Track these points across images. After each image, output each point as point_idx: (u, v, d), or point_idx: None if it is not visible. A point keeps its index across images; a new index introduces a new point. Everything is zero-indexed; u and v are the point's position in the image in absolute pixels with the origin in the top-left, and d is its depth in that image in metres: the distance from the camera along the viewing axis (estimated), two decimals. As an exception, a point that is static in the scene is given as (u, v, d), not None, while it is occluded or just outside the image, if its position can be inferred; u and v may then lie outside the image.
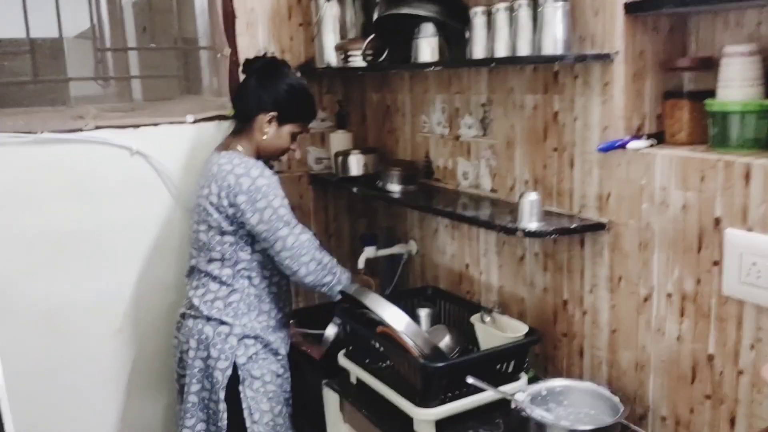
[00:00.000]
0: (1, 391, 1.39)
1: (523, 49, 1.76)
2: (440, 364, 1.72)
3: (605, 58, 1.69)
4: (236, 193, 2.02)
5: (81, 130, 2.35)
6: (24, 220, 2.30)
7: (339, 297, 2.11)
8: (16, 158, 2.27)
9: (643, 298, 1.74)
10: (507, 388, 1.86)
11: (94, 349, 2.47)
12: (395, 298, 2.29)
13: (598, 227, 1.81)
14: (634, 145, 1.68)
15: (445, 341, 2.04)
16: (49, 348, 2.39)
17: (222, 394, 2.09)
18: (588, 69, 1.79)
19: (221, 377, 2.09)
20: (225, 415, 2.08)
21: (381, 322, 1.89)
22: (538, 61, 1.74)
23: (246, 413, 2.10)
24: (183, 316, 2.20)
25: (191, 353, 2.13)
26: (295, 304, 2.67)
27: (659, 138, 1.75)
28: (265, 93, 2.15)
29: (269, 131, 2.15)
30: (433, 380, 1.73)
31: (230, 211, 2.04)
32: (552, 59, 1.70)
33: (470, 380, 1.70)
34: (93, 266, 2.43)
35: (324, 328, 2.33)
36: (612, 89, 1.73)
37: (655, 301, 1.72)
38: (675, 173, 1.61)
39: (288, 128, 2.17)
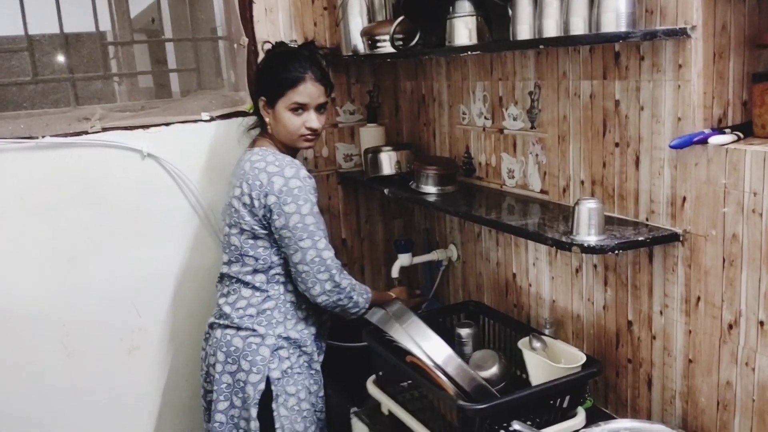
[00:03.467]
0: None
1: (578, 27, 1.46)
2: (480, 406, 1.46)
3: (680, 35, 1.38)
4: (266, 192, 1.82)
5: (86, 132, 2.16)
6: (29, 232, 2.12)
7: (353, 317, 1.92)
8: (17, 166, 2.08)
9: (728, 324, 1.44)
10: (562, 427, 1.60)
11: (110, 366, 2.30)
12: (432, 316, 2.06)
13: (671, 238, 1.51)
14: (717, 139, 1.37)
15: (492, 371, 1.78)
16: (63, 366, 2.23)
17: (254, 412, 1.88)
18: (657, 48, 1.49)
19: (253, 392, 1.88)
20: None
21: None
22: (597, 41, 1.44)
23: None
24: (211, 326, 2.00)
25: (219, 367, 1.93)
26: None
27: (745, 130, 1.44)
28: (256, 82, 1.98)
29: (269, 119, 1.94)
30: (473, 423, 1.47)
31: (261, 212, 1.85)
32: (614, 38, 1.40)
33: (516, 426, 1.44)
34: (105, 279, 2.24)
35: (357, 341, 2.09)
36: (688, 72, 1.42)
37: (743, 329, 1.41)
38: (770, 175, 1.30)
39: (280, 106, 1.90)
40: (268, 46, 2.02)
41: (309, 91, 1.88)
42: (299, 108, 1.88)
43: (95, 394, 2.28)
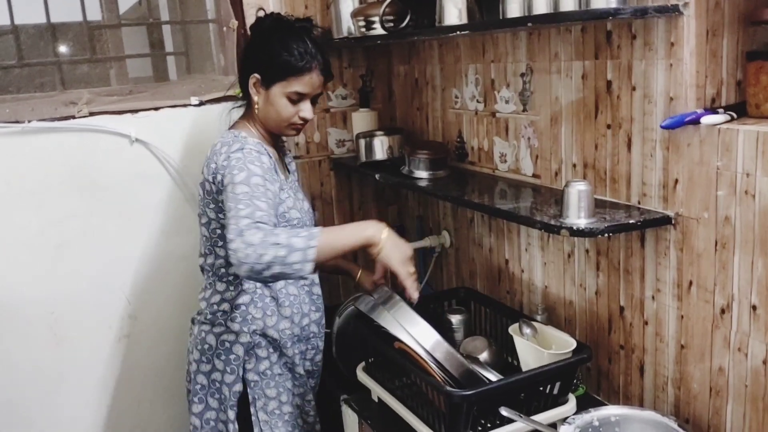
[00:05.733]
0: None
1: (568, 4, 1.42)
2: (467, 392, 1.43)
3: (672, 11, 1.34)
4: (213, 172, 1.69)
5: (73, 117, 2.13)
6: (17, 218, 2.10)
7: (306, 272, 1.50)
8: (3, 151, 2.05)
9: (720, 309, 1.41)
10: (552, 414, 1.57)
11: (99, 354, 2.28)
12: (423, 302, 2.01)
13: (663, 221, 1.48)
14: (709, 119, 1.34)
15: (482, 357, 1.75)
16: (52, 353, 2.21)
17: (232, 414, 1.80)
18: (649, 26, 1.45)
19: (229, 393, 1.80)
20: None
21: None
22: (586, 17, 1.40)
23: None
24: (192, 321, 1.91)
25: (194, 366, 1.86)
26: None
27: (739, 110, 1.40)
28: (247, 54, 1.81)
29: (258, 98, 1.76)
30: (460, 410, 1.45)
31: (220, 198, 1.68)
32: (604, 14, 1.36)
33: (504, 412, 1.41)
34: (94, 266, 2.22)
35: None
36: (680, 51, 1.39)
37: (735, 314, 1.38)
38: (763, 155, 1.26)
39: (277, 90, 1.73)
40: (261, 14, 1.85)
41: (313, 81, 1.74)
42: (297, 97, 1.75)
43: (84, 382, 2.27)
